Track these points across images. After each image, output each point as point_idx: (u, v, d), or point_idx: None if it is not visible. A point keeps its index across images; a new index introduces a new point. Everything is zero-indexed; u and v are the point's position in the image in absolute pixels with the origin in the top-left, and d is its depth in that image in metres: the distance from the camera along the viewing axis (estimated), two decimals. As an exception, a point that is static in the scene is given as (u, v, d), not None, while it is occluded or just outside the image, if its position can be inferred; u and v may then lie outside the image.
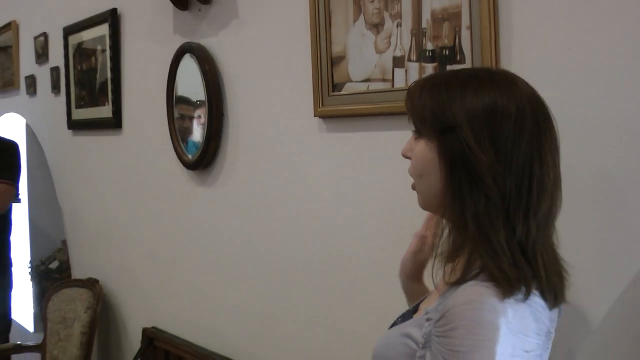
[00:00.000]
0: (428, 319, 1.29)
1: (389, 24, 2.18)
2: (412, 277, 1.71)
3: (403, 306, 1.65)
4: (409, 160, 1.43)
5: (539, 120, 1.29)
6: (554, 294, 1.30)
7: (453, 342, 1.20)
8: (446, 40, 2.01)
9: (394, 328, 1.46)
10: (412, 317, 1.46)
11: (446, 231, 1.41)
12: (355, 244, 2.37)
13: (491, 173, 1.24)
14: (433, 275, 1.38)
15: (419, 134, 1.37)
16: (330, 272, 2.48)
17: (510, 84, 1.32)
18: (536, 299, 1.26)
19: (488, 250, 1.24)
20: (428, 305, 1.35)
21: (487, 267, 1.24)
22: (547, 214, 1.30)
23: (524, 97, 1.29)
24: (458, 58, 1.97)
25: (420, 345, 1.29)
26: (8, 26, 5.36)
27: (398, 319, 1.54)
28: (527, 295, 1.23)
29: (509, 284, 1.21)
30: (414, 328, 1.35)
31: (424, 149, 1.35)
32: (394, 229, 1.79)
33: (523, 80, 1.35)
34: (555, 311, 1.36)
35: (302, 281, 2.63)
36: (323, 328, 2.51)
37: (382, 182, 2.24)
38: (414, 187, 1.42)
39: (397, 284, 1.76)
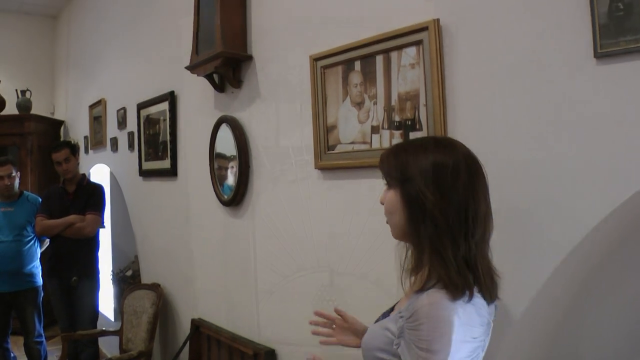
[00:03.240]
0: (401, 317, 1.30)
1: (367, 102, 2.15)
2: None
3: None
4: (379, 197, 1.46)
5: (471, 169, 1.32)
6: (490, 294, 1.31)
7: (421, 334, 1.21)
8: (409, 114, 1.99)
9: (377, 323, 1.46)
10: (389, 315, 1.44)
11: (409, 252, 1.43)
12: (342, 254, 2.33)
13: (437, 208, 1.27)
14: (402, 284, 1.39)
15: (388, 185, 1.40)
16: (325, 274, 2.44)
17: (449, 146, 1.36)
18: (478, 299, 1.27)
19: (441, 263, 1.27)
20: (400, 306, 1.37)
21: (440, 277, 1.26)
22: (482, 235, 1.32)
23: (459, 155, 1.32)
24: (417, 127, 1.95)
25: (396, 336, 1.30)
26: (99, 102, 5.37)
27: (380, 316, 1.52)
28: (471, 297, 1.25)
29: (457, 290, 1.23)
30: (391, 323, 1.35)
31: (392, 195, 1.37)
32: (369, 243, 1.77)
33: (460, 143, 1.38)
34: (492, 306, 1.36)
35: (305, 283, 2.58)
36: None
37: (360, 213, 2.20)
38: (387, 222, 1.42)
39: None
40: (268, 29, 2.82)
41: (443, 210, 1.28)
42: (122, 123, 4.76)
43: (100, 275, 4.61)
